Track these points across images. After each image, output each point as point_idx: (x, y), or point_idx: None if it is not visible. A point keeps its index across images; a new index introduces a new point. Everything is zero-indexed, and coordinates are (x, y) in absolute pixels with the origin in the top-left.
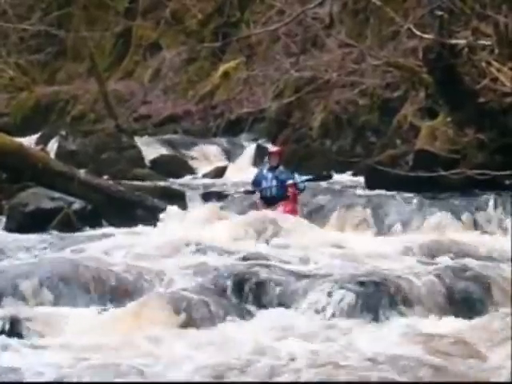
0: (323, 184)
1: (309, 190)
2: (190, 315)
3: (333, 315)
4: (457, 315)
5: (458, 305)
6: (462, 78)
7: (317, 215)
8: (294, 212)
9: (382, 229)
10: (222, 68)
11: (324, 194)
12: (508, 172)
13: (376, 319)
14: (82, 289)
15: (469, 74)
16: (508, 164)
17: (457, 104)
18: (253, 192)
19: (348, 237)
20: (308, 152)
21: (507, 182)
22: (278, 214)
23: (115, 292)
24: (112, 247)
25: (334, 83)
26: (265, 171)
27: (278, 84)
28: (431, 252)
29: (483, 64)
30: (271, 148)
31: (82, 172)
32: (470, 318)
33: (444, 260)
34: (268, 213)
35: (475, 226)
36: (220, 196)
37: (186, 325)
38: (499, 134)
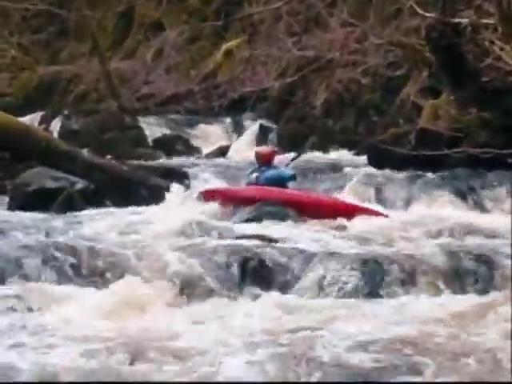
0: (325, 163)
1: (311, 170)
2: (191, 294)
3: (336, 294)
4: (458, 293)
5: (460, 283)
6: (465, 57)
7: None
8: None
9: (384, 207)
10: (225, 47)
11: (326, 174)
12: (511, 150)
13: (379, 298)
14: (85, 268)
15: (472, 52)
16: (511, 142)
17: (459, 83)
18: None
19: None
20: (310, 131)
21: (510, 161)
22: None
23: (117, 271)
24: (114, 227)
25: (337, 62)
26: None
27: (281, 63)
28: (433, 230)
29: (486, 43)
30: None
31: (85, 152)
32: (471, 296)
33: (447, 239)
34: (275, 189)
35: (478, 204)
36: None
37: (186, 303)
38: (502, 112)
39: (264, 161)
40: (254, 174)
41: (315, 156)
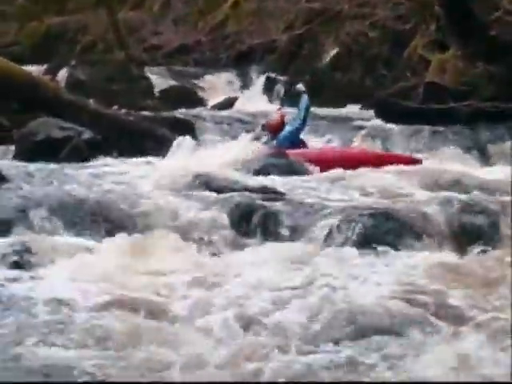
0: (333, 116)
1: (315, 125)
2: (196, 246)
3: (340, 245)
4: (461, 248)
5: (464, 237)
6: (473, 11)
7: None
8: None
9: None
10: None
11: (332, 127)
12: None
13: (383, 250)
14: (91, 218)
15: (480, 6)
16: None
17: (467, 37)
18: None
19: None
20: (318, 84)
21: None
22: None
23: (122, 223)
24: (121, 177)
25: (345, 15)
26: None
27: (289, 15)
28: (439, 184)
29: None
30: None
31: (91, 102)
32: (475, 251)
33: (452, 193)
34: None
35: (485, 158)
36: None
37: (191, 255)
38: (510, 66)
39: (274, 131)
40: (269, 144)
41: (323, 110)
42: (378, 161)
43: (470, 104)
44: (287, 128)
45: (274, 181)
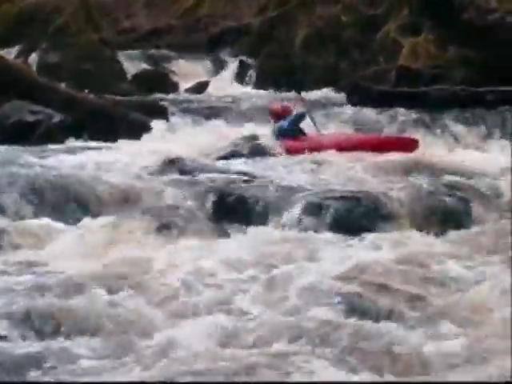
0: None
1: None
2: (168, 230)
3: (309, 229)
4: (433, 229)
5: (436, 220)
6: None
7: None
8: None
9: None
10: None
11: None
12: (490, 88)
13: (354, 233)
14: (63, 202)
15: None
16: (490, 80)
17: (440, 20)
18: None
19: (328, 153)
20: (290, 68)
21: (489, 98)
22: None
23: (94, 206)
24: (92, 161)
25: None
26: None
27: None
28: (411, 168)
29: None
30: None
31: (63, 85)
32: (446, 232)
33: (423, 176)
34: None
35: (457, 141)
36: None
37: (165, 239)
38: (481, 50)
39: (276, 116)
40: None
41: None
42: (379, 145)
43: (442, 88)
44: (286, 120)
45: (245, 164)
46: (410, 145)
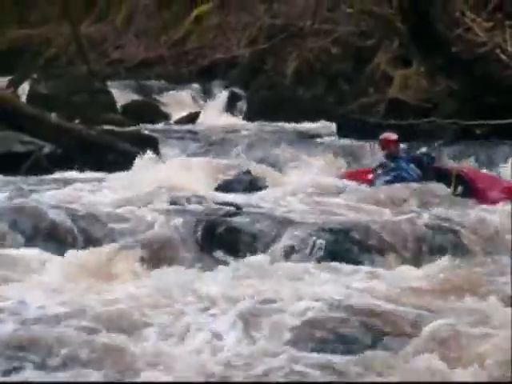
0: (295, 132)
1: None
2: (158, 259)
3: (304, 260)
4: (425, 263)
5: (427, 252)
6: (436, 27)
7: (285, 164)
8: None
9: None
10: (195, 13)
11: (292, 144)
12: (478, 121)
13: (346, 265)
14: (52, 233)
15: (442, 23)
16: (479, 113)
17: (429, 53)
18: None
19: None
20: (280, 99)
21: (478, 132)
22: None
23: (84, 236)
24: (82, 192)
25: (308, 31)
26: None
27: (252, 30)
28: (402, 200)
29: (457, 14)
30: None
31: (53, 116)
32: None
33: (415, 208)
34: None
35: None
36: None
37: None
38: (470, 83)
39: (388, 148)
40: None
41: (285, 125)
42: None
43: (432, 121)
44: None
45: (237, 196)
46: None
